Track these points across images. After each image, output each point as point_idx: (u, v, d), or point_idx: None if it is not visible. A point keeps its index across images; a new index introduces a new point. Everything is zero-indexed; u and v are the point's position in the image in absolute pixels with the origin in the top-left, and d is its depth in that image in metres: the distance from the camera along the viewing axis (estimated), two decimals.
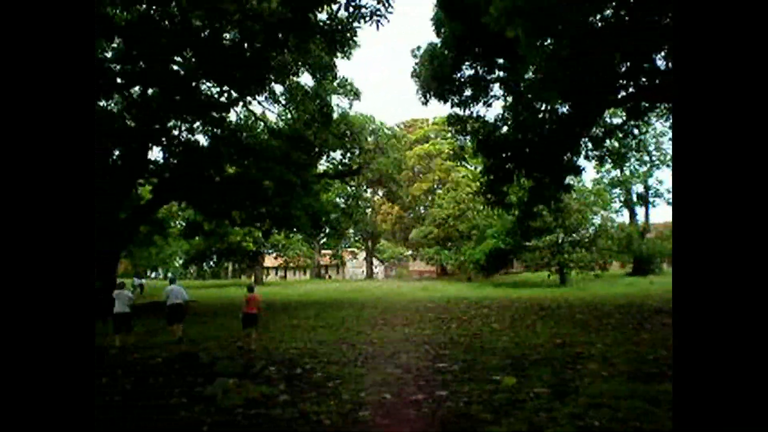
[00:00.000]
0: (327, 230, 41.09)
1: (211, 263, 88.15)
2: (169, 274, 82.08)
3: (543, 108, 23.01)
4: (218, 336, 17.86)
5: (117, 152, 30.69)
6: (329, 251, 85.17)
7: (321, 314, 24.72)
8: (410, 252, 79.17)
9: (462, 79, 23.86)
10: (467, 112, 25.11)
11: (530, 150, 23.12)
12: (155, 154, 75.97)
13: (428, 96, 24.06)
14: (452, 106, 24.70)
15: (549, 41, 17.06)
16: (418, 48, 24.49)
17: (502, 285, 47.97)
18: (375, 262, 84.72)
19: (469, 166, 64.05)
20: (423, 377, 10.73)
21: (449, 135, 64.43)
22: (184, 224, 46.28)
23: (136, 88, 28.24)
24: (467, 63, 23.34)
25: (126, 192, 30.62)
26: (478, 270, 53.64)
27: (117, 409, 8.99)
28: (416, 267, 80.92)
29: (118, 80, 25.78)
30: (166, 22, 20.54)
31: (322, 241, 73.88)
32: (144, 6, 20.09)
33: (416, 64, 24.34)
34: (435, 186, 70.98)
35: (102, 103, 28.44)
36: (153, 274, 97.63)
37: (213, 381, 10.48)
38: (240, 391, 9.78)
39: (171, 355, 14.13)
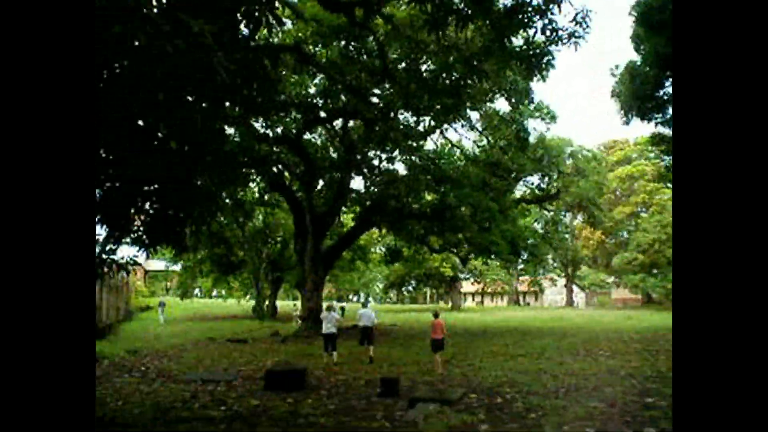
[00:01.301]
0: (525, 256, 40.42)
1: (410, 288, 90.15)
2: (361, 299, 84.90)
3: None
4: (418, 361, 18.08)
5: (321, 182, 32.43)
6: (527, 277, 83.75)
7: (520, 342, 24.30)
8: (613, 279, 75.83)
9: (665, 97, 22.71)
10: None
11: None
12: (357, 183, 79.03)
13: (630, 115, 23.18)
14: (656, 125, 23.58)
15: None
16: (617, 66, 23.70)
17: None
18: (575, 289, 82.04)
19: None
20: (629, 413, 10.17)
21: (653, 155, 61.54)
22: (384, 250, 47.69)
23: (338, 121, 29.69)
24: (671, 79, 22.20)
25: (331, 219, 32.18)
26: None
27: (318, 431, 9.35)
28: (619, 295, 77.42)
29: (322, 114, 27.27)
30: (365, 56, 21.42)
31: (520, 267, 72.78)
32: (343, 42, 21.11)
33: (616, 83, 23.54)
34: (639, 209, 67.78)
35: (307, 136, 30.18)
36: (354, 298, 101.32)
37: (414, 406, 10.60)
38: (441, 417, 9.81)
39: (372, 378, 14.50)
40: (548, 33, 13.12)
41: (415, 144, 27.88)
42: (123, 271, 10.36)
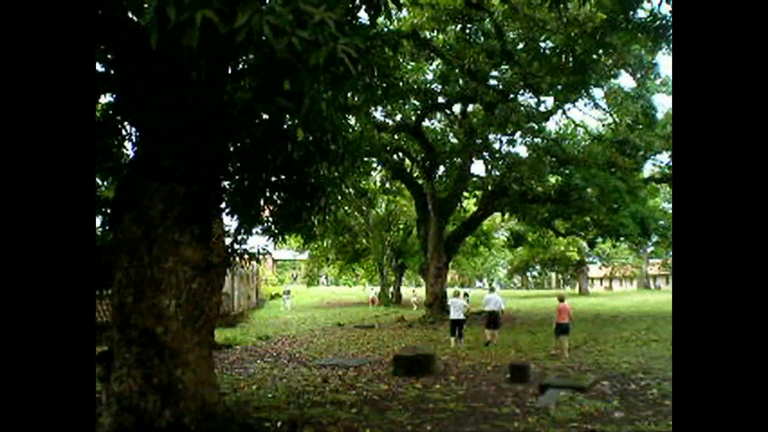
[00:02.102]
0: (655, 238, 38.73)
1: (534, 273, 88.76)
2: (484, 284, 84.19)
3: None
4: (545, 347, 17.75)
5: (442, 168, 32.39)
6: (658, 260, 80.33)
7: (652, 327, 23.35)
8: None
9: None
10: None
11: None
12: (478, 167, 78.49)
13: None
14: None
15: None
16: None
17: None
18: None
19: None
20: None
21: None
22: (507, 235, 47.10)
23: (457, 106, 29.48)
24: None
25: (452, 205, 32.09)
26: None
27: (449, 416, 9.33)
28: None
29: (440, 100, 27.17)
30: (482, 39, 21.11)
31: (649, 250, 69.89)
32: (459, 26, 20.88)
33: None
34: None
35: (426, 122, 30.19)
36: (478, 284, 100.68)
37: (545, 392, 10.42)
38: (573, 404, 9.59)
39: (500, 364, 14.37)
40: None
41: (536, 125, 27.29)
42: (253, 261, 10.74)
